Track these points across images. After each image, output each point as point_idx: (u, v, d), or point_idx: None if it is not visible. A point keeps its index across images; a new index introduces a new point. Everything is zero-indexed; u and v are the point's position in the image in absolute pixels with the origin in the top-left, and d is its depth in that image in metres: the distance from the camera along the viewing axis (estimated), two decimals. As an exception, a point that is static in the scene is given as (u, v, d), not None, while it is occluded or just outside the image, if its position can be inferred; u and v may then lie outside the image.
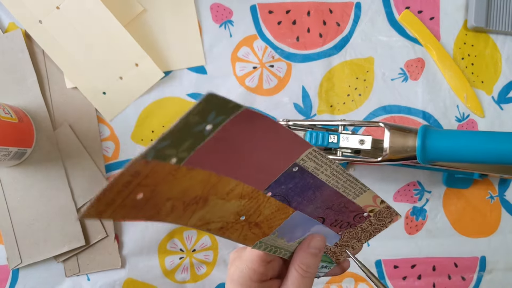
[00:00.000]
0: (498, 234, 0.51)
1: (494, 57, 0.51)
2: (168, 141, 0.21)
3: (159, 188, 0.23)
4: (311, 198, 0.30)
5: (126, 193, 0.21)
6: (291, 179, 0.28)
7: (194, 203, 0.25)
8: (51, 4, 0.44)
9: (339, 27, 0.49)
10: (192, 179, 0.24)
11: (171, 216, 0.24)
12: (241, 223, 0.28)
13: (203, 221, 0.26)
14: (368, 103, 0.49)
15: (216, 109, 0.22)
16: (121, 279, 0.46)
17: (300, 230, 0.32)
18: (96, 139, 0.46)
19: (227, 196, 0.26)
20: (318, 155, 0.28)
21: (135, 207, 0.22)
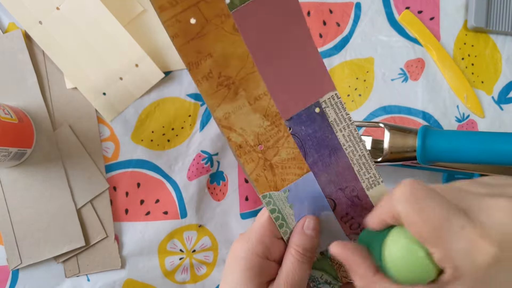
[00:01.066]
0: (498, 234, 0.51)
1: (494, 57, 0.51)
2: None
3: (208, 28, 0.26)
4: (327, 162, 0.30)
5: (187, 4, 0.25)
6: (311, 122, 0.29)
7: (226, 85, 0.27)
8: (51, 4, 0.44)
9: (339, 27, 0.49)
10: (233, 46, 0.26)
11: (204, 84, 0.27)
12: (258, 153, 0.29)
13: (228, 121, 0.28)
14: (368, 103, 0.49)
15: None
16: (121, 280, 0.46)
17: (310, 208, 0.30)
18: (96, 140, 0.46)
19: (254, 102, 0.28)
20: (339, 104, 0.29)
21: (186, 32, 0.25)
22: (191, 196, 0.47)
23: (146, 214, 0.47)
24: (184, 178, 0.47)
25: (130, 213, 0.47)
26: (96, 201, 0.46)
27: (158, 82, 0.46)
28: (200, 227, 0.48)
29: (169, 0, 0.24)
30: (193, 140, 0.47)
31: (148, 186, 0.47)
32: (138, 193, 0.47)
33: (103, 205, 0.46)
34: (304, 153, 0.29)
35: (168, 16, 0.25)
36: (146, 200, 0.47)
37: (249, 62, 0.27)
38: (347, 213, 0.31)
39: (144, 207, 0.47)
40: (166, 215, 0.47)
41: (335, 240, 0.29)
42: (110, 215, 0.46)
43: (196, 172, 0.47)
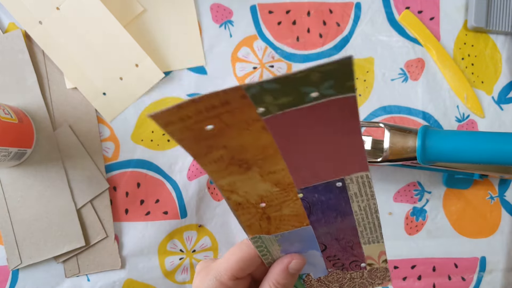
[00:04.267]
0: (498, 234, 0.51)
1: (494, 57, 0.51)
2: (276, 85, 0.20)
3: (227, 131, 0.22)
4: (331, 221, 0.29)
5: (203, 117, 0.21)
6: (328, 193, 0.27)
7: (238, 164, 0.24)
8: (51, 5, 0.44)
9: (339, 27, 0.49)
10: (257, 140, 0.23)
11: (212, 166, 0.24)
12: (257, 209, 0.27)
13: (231, 187, 0.26)
14: (368, 103, 0.49)
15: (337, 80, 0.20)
16: (121, 280, 0.46)
17: (298, 246, 0.30)
18: (96, 140, 0.46)
19: (267, 175, 0.26)
20: (367, 183, 0.27)
21: (197, 136, 0.22)
22: (191, 196, 0.47)
23: (146, 214, 0.47)
24: (184, 178, 0.47)
25: (130, 213, 0.47)
26: (96, 201, 0.46)
27: (158, 82, 0.46)
28: (200, 227, 0.48)
29: (181, 117, 0.20)
30: (193, 140, 0.47)
31: (148, 186, 0.47)
32: (138, 193, 0.47)
33: (103, 205, 0.46)
34: (308, 213, 0.28)
35: (175, 128, 0.21)
36: (146, 200, 0.47)
37: (271, 148, 0.24)
38: (335, 255, 0.31)
39: (144, 207, 0.47)
40: (166, 215, 0.47)
41: (314, 268, 0.31)
42: (110, 215, 0.46)
43: (196, 172, 0.47)
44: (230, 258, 0.29)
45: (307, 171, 0.26)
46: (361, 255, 0.31)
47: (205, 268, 0.30)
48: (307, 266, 0.31)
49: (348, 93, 0.21)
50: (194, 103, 0.20)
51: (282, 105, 0.21)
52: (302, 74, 0.19)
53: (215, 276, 0.29)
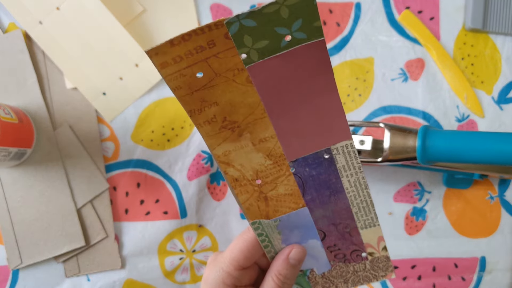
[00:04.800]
0: (498, 234, 0.51)
1: (494, 57, 0.51)
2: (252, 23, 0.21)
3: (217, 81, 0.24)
4: (325, 200, 0.30)
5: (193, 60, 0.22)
6: (317, 166, 0.28)
7: (230, 128, 0.26)
8: (51, 5, 0.44)
9: (339, 27, 0.49)
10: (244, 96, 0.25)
11: (206, 127, 0.26)
12: (254, 187, 0.28)
13: (227, 158, 0.27)
14: (368, 103, 0.49)
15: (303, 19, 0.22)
16: (121, 280, 0.46)
17: (298, 235, 0.31)
18: (96, 140, 0.46)
19: (258, 143, 0.27)
20: (352, 153, 0.28)
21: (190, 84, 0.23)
22: (191, 196, 0.47)
23: (146, 214, 0.47)
24: (184, 178, 0.47)
25: (130, 213, 0.47)
26: (96, 201, 0.46)
27: (158, 81, 0.46)
28: (200, 227, 0.48)
29: (174, 57, 0.22)
30: (193, 140, 0.47)
31: (148, 186, 0.47)
32: (138, 193, 0.47)
33: (103, 205, 0.46)
34: (303, 191, 0.29)
35: (171, 72, 0.23)
36: (146, 200, 0.47)
37: (259, 109, 0.26)
38: (335, 244, 0.31)
39: (144, 207, 0.47)
40: (166, 215, 0.47)
41: (316, 263, 0.31)
42: (110, 215, 0.46)
43: (196, 172, 0.47)
44: (234, 248, 0.30)
45: (295, 140, 0.27)
46: (361, 243, 0.31)
47: (214, 260, 0.31)
48: (310, 260, 0.32)
49: (317, 37, 0.22)
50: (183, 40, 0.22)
51: (261, 51, 0.23)
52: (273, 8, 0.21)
53: (221, 267, 0.30)
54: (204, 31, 0.21)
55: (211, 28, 0.21)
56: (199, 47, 0.22)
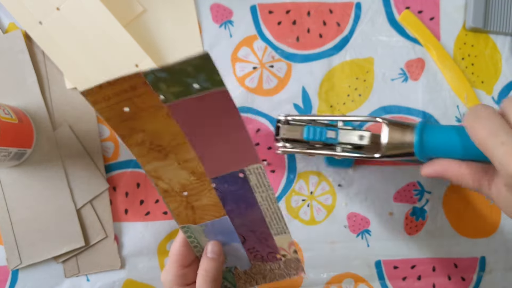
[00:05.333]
0: (498, 234, 0.51)
1: (494, 57, 0.51)
2: (165, 75, 0.26)
3: (141, 114, 0.28)
4: (242, 212, 0.34)
5: (120, 99, 0.27)
6: (234, 183, 0.33)
7: (158, 150, 0.30)
8: (51, 5, 0.44)
9: (339, 27, 0.49)
10: (166, 126, 0.29)
11: (136, 148, 0.30)
12: (182, 197, 0.33)
13: (156, 173, 0.32)
14: (368, 103, 0.49)
15: (206, 73, 0.26)
16: (121, 280, 0.46)
17: (222, 238, 0.36)
18: (96, 140, 0.46)
19: (183, 163, 0.31)
20: (262, 174, 0.32)
21: (119, 116, 0.28)
22: (191, 196, 0.47)
23: (146, 214, 0.47)
24: (184, 178, 0.47)
25: (129, 213, 0.46)
26: (96, 201, 0.46)
27: (158, 82, 0.46)
28: (200, 227, 0.48)
29: (103, 96, 0.27)
30: (193, 140, 0.47)
31: (148, 186, 0.47)
32: (138, 193, 0.47)
33: (103, 205, 0.46)
34: (223, 203, 0.34)
35: (101, 107, 0.28)
36: (145, 200, 0.47)
37: (180, 136, 0.30)
38: (254, 247, 0.36)
39: (144, 207, 0.47)
40: (166, 215, 0.47)
41: (239, 261, 0.37)
42: (110, 215, 0.46)
43: (196, 172, 0.47)
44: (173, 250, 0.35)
45: (214, 162, 0.31)
46: (275, 246, 0.36)
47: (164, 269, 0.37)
48: (234, 259, 0.37)
49: (219, 87, 0.27)
50: (110, 84, 0.26)
51: (176, 94, 0.27)
52: (180, 66, 0.25)
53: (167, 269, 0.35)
54: (125, 80, 0.26)
55: (131, 78, 0.26)
56: (123, 90, 0.27)
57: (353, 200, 0.49)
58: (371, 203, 0.49)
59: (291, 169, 0.48)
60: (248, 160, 0.32)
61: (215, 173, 0.32)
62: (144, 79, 0.26)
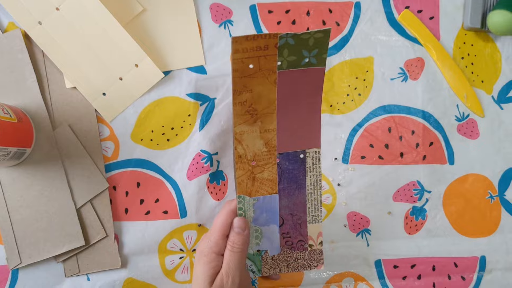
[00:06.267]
0: (498, 234, 0.51)
1: (494, 56, 0.51)
2: (292, 41, 0.32)
3: (258, 74, 0.33)
4: (291, 192, 0.38)
5: (252, 54, 0.32)
6: (294, 162, 0.37)
7: (251, 114, 0.35)
8: (50, 5, 0.44)
9: (338, 26, 0.49)
10: (268, 92, 0.34)
11: (238, 107, 0.34)
12: (249, 166, 0.37)
13: (241, 136, 0.36)
14: (368, 102, 0.49)
15: (319, 49, 0.32)
16: (121, 279, 0.46)
17: (265, 217, 0.39)
18: (96, 139, 0.46)
19: (263, 132, 0.36)
20: (318, 159, 0.38)
21: (243, 71, 0.33)
22: (190, 195, 0.47)
23: (146, 213, 0.47)
24: (183, 177, 0.47)
25: (130, 212, 0.47)
26: (96, 201, 0.46)
27: (158, 81, 0.46)
28: (200, 227, 0.48)
29: (244, 48, 0.31)
30: (193, 140, 0.47)
31: (148, 185, 0.47)
32: (138, 193, 0.47)
33: (103, 205, 0.46)
34: (279, 179, 0.38)
35: (238, 57, 0.32)
36: (146, 200, 0.47)
37: (273, 105, 0.35)
38: (288, 232, 0.40)
39: (144, 207, 0.47)
40: (166, 214, 0.47)
41: (271, 246, 0.40)
42: (110, 214, 0.46)
43: (196, 172, 0.47)
44: (217, 222, 0.39)
45: (286, 137, 0.36)
46: (306, 235, 0.40)
47: (204, 237, 0.40)
48: (267, 243, 0.40)
49: (321, 65, 0.33)
50: (253, 38, 0.31)
51: (289, 63, 0.33)
52: (306, 36, 0.31)
53: (209, 238, 0.39)
54: (264, 37, 0.31)
55: (270, 37, 0.31)
56: (258, 46, 0.32)
57: (353, 199, 0.49)
58: (370, 203, 0.49)
59: (291, 169, 0.48)
60: (311, 143, 0.37)
61: (283, 149, 0.37)
62: (277, 42, 0.31)
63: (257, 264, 0.41)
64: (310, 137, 0.37)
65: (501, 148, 0.51)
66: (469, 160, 0.51)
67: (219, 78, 0.47)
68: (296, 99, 0.35)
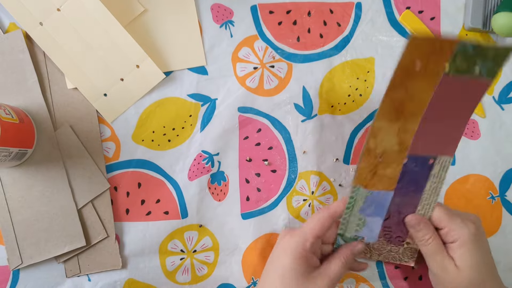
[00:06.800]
0: (499, 234, 0.51)
1: (495, 57, 0.51)
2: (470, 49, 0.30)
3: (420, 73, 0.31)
4: (407, 193, 0.38)
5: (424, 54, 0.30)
6: (421, 166, 0.36)
7: (397, 111, 0.34)
8: (51, 6, 0.44)
9: (339, 27, 0.49)
10: (423, 93, 0.33)
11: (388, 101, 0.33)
12: (375, 160, 0.36)
13: (377, 130, 0.35)
14: (369, 103, 0.49)
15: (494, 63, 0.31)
16: (122, 280, 0.46)
17: (373, 209, 0.39)
18: (97, 140, 0.46)
19: (401, 131, 0.35)
20: (446, 168, 0.37)
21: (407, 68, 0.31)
22: (191, 196, 0.47)
23: (147, 214, 0.47)
24: (185, 178, 0.47)
25: (131, 213, 0.47)
26: (97, 201, 0.46)
27: (159, 82, 0.46)
28: (201, 227, 0.48)
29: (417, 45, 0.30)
30: (194, 140, 0.47)
31: (149, 186, 0.47)
32: (139, 193, 0.47)
33: (104, 205, 0.46)
34: (400, 179, 0.37)
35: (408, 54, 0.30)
36: (147, 200, 0.47)
37: (422, 107, 0.33)
38: (390, 227, 0.40)
39: (145, 207, 0.47)
40: (167, 215, 0.47)
41: (369, 234, 0.40)
42: (111, 215, 0.46)
43: (197, 172, 0.47)
44: (312, 223, 0.39)
45: (422, 141, 0.35)
46: (406, 233, 0.40)
47: (290, 231, 0.41)
48: (367, 231, 0.40)
49: (490, 78, 0.32)
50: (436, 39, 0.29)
51: (458, 69, 0.31)
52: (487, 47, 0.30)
53: (302, 236, 0.39)
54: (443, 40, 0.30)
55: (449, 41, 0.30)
56: (434, 46, 0.30)
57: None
58: (372, 203, 0.49)
59: (292, 169, 0.48)
60: (446, 150, 0.35)
61: (415, 151, 0.35)
62: (454, 47, 0.30)
63: None
64: (447, 144, 0.36)
65: (502, 149, 0.51)
66: (470, 161, 0.51)
67: (220, 78, 0.47)
68: (448, 105, 0.34)
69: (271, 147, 0.48)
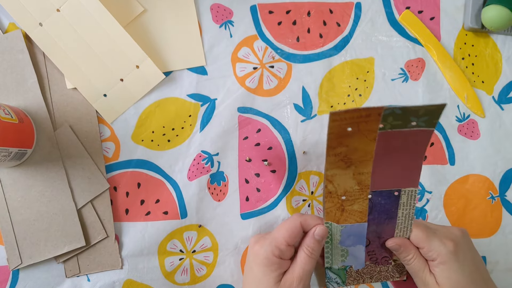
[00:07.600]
0: (498, 234, 0.51)
1: (495, 57, 0.51)
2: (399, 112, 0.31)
3: (356, 135, 0.33)
4: (381, 222, 0.39)
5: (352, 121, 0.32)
6: (387, 198, 0.38)
7: (345, 161, 0.35)
8: (51, 6, 0.44)
9: (339, 27, 0.49)
10: (365, 146, 0.34)
11: (332, 157, 0.35)
12: (339, 200, 0.38)
13: (332, 178, 0.36)
14: (369, 103, 0.49)
15: (430, 117, 0.32)
16: (121, 280, 0.46)
17: (352, 240, 0.40)
18: (97, 140, 0.46)
19: (357, 175, 0.36)
20: (413, 196, 0.38)
21: (340, 133, 0.33)
22: (191, 196, 0.47)
23: (146, 214, 0.47)
24: (184, 178, 0.47)
25: (130, 213, 0.47)
26: (97, 201, 0.46)
27: (159, 82, 0.46)
28: (200, 227, 0.48)
29: (342, 118, 0.31)
30: (193, 140, 0.47)
31: (149, 186, 0.47)
32: (139, 193, 0.47)
33: (104, 205, 0.46)
34: (370, 211, 0.39)
35: (335, 124, 0.32)
36: (146, 200, 0.47)
37: (370, 155, 0.35)
38: (373, 251, 0.41)
39: (144, 207, 0.47)
40: (166, 215, 0.47)
41: (356, 261, 0.42)
42: (111, 215, 0.46)
43: (196, 172, 0.47)
44: (282, 230, 0.39)
45: (381, 178, 0.36)
46: (391, 253, 0.41)
47: (261, 238, 0.42)
48: (352, 259, 0.41)
49: (430, 127, 0.33)
50: (354, 111, 0.31)
51: (393, 126, 0.33)
52: (416, 109, 0.31)
53: (272, 243, 0.39)
54: (368, 110, 0.31)
55: (374, 109, 0.31)
56: (360, 116, 0.31)
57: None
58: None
59: (292, 169, 0.48)
60: (408, 184, 0.37)
61: (376, 187, 0.37)
62: (381, 112, 0.31)
63: (342, 277, 0.42)
64: (408, 179, 0.37)
65: (501, 149, 0.51)
66: (470, 161, 0.51)
67: (219, 78, 0.47)
68: (396, 151, 0.35)
69: (270, 147, 0.48)
